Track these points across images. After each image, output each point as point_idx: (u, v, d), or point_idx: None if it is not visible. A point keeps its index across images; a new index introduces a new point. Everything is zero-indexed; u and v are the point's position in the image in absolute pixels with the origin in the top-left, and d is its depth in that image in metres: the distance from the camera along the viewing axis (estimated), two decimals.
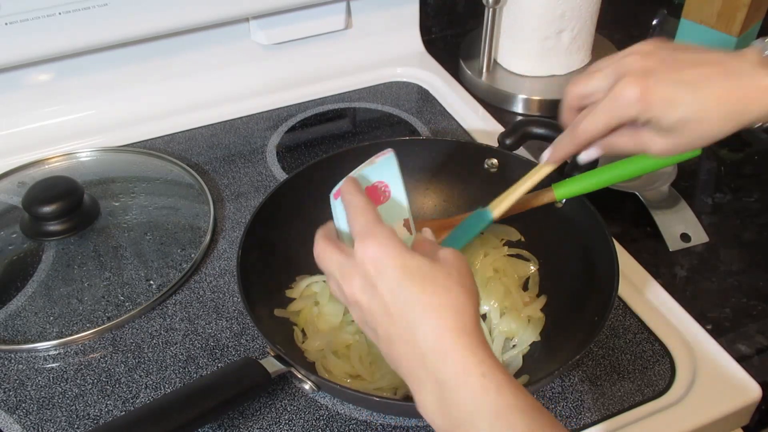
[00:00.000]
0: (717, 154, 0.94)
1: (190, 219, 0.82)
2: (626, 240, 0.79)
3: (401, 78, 1.07)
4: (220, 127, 0.98)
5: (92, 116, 0.97)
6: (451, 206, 0.82)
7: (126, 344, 0.70)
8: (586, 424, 0.63)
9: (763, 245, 0.81)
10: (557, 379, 0.66)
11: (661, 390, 0.65)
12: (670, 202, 0.83)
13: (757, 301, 0.74)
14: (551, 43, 1.01)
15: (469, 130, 0.97)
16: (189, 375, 0.67)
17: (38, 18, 0.84)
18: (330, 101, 1.02)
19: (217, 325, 0.71)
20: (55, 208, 0.77)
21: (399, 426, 0.63)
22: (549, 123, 0.79)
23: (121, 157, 0.91)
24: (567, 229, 0.73)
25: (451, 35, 1.20)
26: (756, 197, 0.87)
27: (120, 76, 0.97)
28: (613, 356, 0.68)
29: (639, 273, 0.75)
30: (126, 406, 0.65)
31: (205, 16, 0.93)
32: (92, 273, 0.76)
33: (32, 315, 0.72)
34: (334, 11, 1.03)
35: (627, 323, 0.71)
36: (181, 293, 0.75)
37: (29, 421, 0.64)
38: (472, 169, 0.81)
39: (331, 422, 0.63)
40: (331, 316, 0.70)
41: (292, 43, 1.04)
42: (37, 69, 0.92)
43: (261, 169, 0.91)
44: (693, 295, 0.75)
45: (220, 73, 1.02)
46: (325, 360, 0.66)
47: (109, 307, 0.72)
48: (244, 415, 0.63)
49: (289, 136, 0.97)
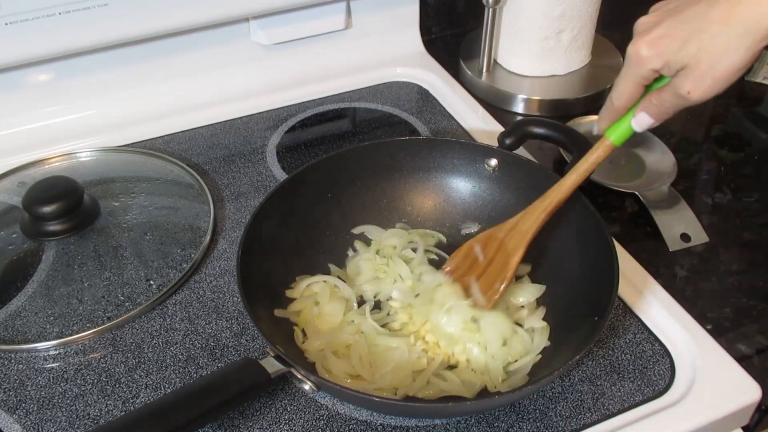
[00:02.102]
0: (717, 154, 0.94)
1: (190, 219, 0.82)
2: (626, 240, 0.79)
3: (401, 78, 1.07)
4: (220, 127, 0.98)
5: (92, 116, 0.97)
6: (451, 206, 0.82)
7: (126, 344, 0.70)
8: (586, 424, 0.63)
9: (763, 245, 0.81)
10: (557, 379, 0.66)
11: (661, 390, 0.65)
12: (670, 202, 0.83)
13: (757, 301, 0.74)
14: (551, 43, 1.01)
15: (469, 130, 0.97)
16: (189, 375, 0.67)
17: (38, 18, 0.84)
18: (330, 101, 1.02)
19: (217, 325, 0.71)
20: (55, 208, 0.77)
21: (399, 426, 0.63)
22: (549, 123, 0.79)
23: (121, 157, 0.91)
24: (567, 229, 0.73)
25: (451, 35, 1.20)
26: (756, 197, 0.87)
27: (120, 76, 0.97)
28: (613, 356, 0.68)
29: (639, 273, 0.75)
30: (126, 406, 0.65)
31: (205, 16, 0.93)
32: (92, 273, 0.76)
33: (32, 315, 0.72)
34: (334, 11, 1.03)
35: (627, 323, 0.71)
36: (181, 293, 0.75)
37: (29, 421, 0.64)
38: (472, 169, 0.81)
39: (331, 422, 0.63)
40: (331, 316, 0.70)
41: (292, 43, 1.04)
42: (37, 69, 0.92)
43: (261, 169, 0.91)
44: (693, 295, 0.75)
45: (220, 73, 1.02)
46: (325, 360, 0.66)
47: (109, 307, 0.72)
48: (244, 415, 0.63)
49: (289, 136, 0.97)
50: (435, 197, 0.82)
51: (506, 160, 0.79)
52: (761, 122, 1.00)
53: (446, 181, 0.82)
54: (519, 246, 0.69)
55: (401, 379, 0.65)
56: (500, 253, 0.71)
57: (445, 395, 0.64)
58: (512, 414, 0.63)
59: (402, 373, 0.65)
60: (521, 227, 0.70)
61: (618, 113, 0.63)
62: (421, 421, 0.63)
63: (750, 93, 1.06)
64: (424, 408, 0.61)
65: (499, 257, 0.71)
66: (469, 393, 0.64)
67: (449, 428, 0.63)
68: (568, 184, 0.69)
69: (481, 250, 0.72)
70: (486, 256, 0.72)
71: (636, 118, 0.62)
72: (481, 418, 0.63)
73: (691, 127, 0.99)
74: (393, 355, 0.67)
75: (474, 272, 0.71)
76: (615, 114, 0.63)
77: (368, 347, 0.67)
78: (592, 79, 1.04)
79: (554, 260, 0.74)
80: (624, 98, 0.61)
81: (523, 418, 0.63)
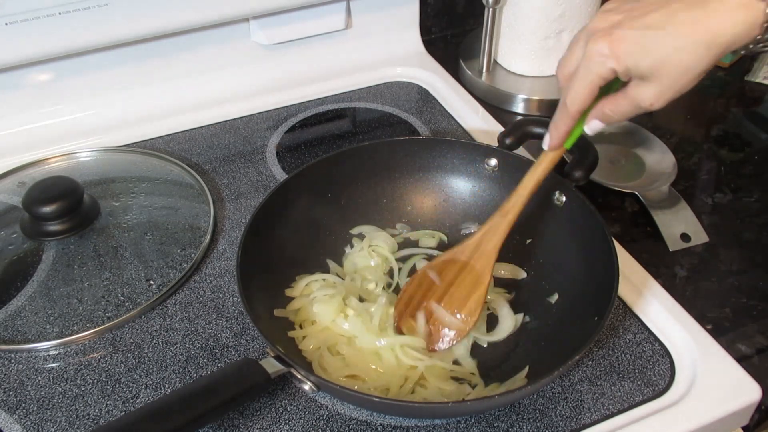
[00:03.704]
0: (717, 154, 0.94)
1: (190, 219, 0.82)
2: (626, 240, 0.79)
3: (401, 78, 1.07)
4: (220, 127, 0.98)
5: (92, 116, 0.97)
6: (451, 206, 0.82)
7: (126, 344, 0.70)
8: (586, 424, 0.63)
9: (763, 245, 0.81)
10: (557, 379, 0.66)
11: (661, 390, 0.65)
12: (670, 202, 0.83)
13: (757, 301, 0.74)
14: (551, 43, 1.01)
15: (469, 130, 0.97)
16: (189, 375, 0.67)
17: (38, 18, 0.84)
18: (330, 101, 1.02)
19: (217, 325, 0.71)
20: (55, 208, 0.77)
21: (399, 426, 0.63)
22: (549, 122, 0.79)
23: (121, 157, 0.91)
24: (567, 229, 0.73)
25: (451, 35, 1.20)
26: (756, 197, 0.87)
27: (120, 76, 0.97)
28: (613, 356, 0.68)
29: (639, 273, 0.75)
30: (126, 406, 0.65)
31: (205, 16, 0.93)
32: (92, 273, 0.76)
33: (32, 315, 0.72)
34: (334, 11, 1.03)
35: (627, 323, 0.71)
36: (181, 293, 0.75)
37: (29, 421, 0.64)
38: (472, 169, 0.81)
39: (331, 422, 0.63)
40: (327, 314, 0.70)
41: (292, 43, 1.04)
42: (37, 69, 0.92)
43: (261, 169, 0.91)
44: (693, 295, 0.75)
45: (220, 73, 1.02)
46: (322, 359, 0.67)
47: (109, 307, 0.72)
48: (244, 415, 0.63)
49: (289, 136, 0.97)
50: (435, 197, 0.82)
51: (506, 160, 0.79)
52: (761, 122, 1.00)
53: (446, 181, 0.82)
54: (487, 267, 0.68)
55: (400, 379, 0.65)
56: (466, 273, 0.69)
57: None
58: (512, 414, 0.63)
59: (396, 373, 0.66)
60: (485, 247, 0.69)
61: (574, 119, 0.60)
62: (421, 421, 0.63)
63: (750, 93, 1.06)
64: (424, 408, 0.61)
65: (465, 277, 0.69)
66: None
67: (449, 428, 0.63)
68: (525, 194, 0.67)
69: (438, 275, 0.71)
70: (445, 280, 0.70)
71: (590, 124, 0.61)
72: (481, 418, 0.63)
73: (691, 127, 0.99)
74: (385, 355, 0.67)
75: (433, 297, 0.70)
76: (572, 120, 0.61)
77: (363, 346, 0.67)
78: None
79: (554, 260, 0.74)
80: (580, 101, 0.58)
81: (523, 418, 0.63)
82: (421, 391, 0.65)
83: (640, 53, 0.53)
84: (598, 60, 0.55)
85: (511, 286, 0.75)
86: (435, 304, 0.70)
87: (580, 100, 0.58)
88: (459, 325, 0.68)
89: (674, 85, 0.54)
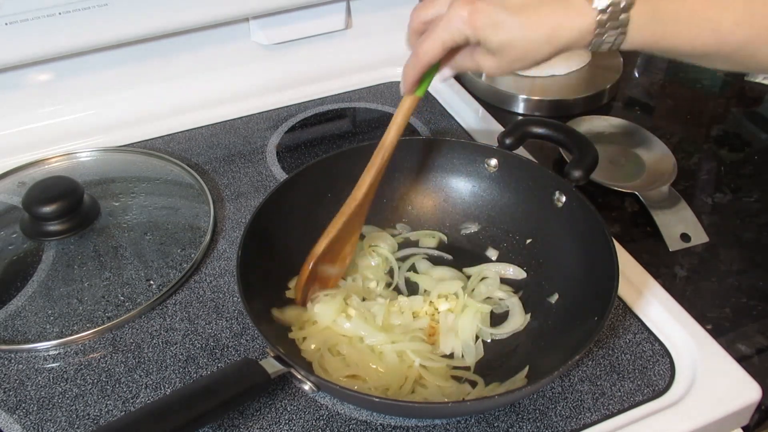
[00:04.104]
0: (717, 154, 0.94)
1: (190, 219, 0.82)
2: (626, 240, 0.79)
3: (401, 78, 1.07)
4: (220, 127, 0.98)
5: (92, 116, 0.97)
6: (451, 206, 0.82)
7: (126, 344, 0.70)
8: (586, 424, 0.63)
9: (763, 245, 0.81)
10: (557, 379, 0.66)
11: (661, 390, 0.65)
12: (670, 202, 0.83)
13: (757, 301, 0.74)
14: None
15: (469, 130, 0.97)
16: (189, 375, 0.67)
17: (38, 18, 0.84)
18: (330, 101, 1.02)
19: (217, 325, 0.71)
20: (55, 208, 0.77)
21: (399, 426, 0.63)
22: (549, 123, 0.79)
23: (121, 157, 0.91)
24: (567, 229, 0.73)
25: None
26: (756, 197, 0.87)
27: (120, 76, 0.97)
28: (613, 356, 0.68)
29: (639, 273, 0.75)
30: (126, 406, 0.65)
31: (205, 16, 0.93)
32: (92, 273, 0.76)
33: (32, 315, 0.72)
34: (334, 11, 1.03)
35: (627, 323, 0.71)
36: (181, 293, 0.75)
37: (29, 421, 0.64)
38: (472, 169, 0.81)
39: (331, 422, 0.63)
40: (327, 315, 0.70)
41: (292, 43, 1.04)
42: (37, 69, 0.92)
43: (261, 169, 0.91)
44: (693, 295, 0.75)
45: (220, 73, 1.02)
46: (322, 359, 0.67)
47: (109, 307, 0.72)
48: (244, 415, 0.63)
49: (289, 136, 0.97)
50: (435, 197, 0.82)
51: (506, 160, 0.79)
52: (761, 122, 1.00)
53: (446, 181, 0.82)
54: (357, 216, 0.72)
55: (400, 379, 0.65)
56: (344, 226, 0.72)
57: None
58: (512, 414, 0.63)
59: (397, 373, 0.65)
60: (356, 194, 0.71)
61: (424, 69, 0.64)
62: (421, 421, 0.63)
63: (750, 93, 1.06)
64: (424, 408, 0.61)
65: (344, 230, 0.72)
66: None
67: (449, 428, 0.63)
68: (389, 144, 0.71)
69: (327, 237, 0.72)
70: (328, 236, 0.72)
71: (442, 72, 0.66)
72: (481, 418, 0.63)
73: (691, 127, 0.99)
74: (385, 355, 0.67)
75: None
76: (420, 66, 0.64)
77: (363, 346, 0.67)
78: (592, 79, 1.04)
79: (554, 260, 0.74)
80: (431, 55, 0.62)
81: (523, 418, 0.63)
82: (421, 390, 0.65)
83: (492, 30, 0.57)
84: (456, 24, 0.58)
85: (513, 286, 0.75)
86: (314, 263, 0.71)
87: (432, 54, 0.62)
88: (336, 272, 0.74)
89: (513, 65, 0.59)
